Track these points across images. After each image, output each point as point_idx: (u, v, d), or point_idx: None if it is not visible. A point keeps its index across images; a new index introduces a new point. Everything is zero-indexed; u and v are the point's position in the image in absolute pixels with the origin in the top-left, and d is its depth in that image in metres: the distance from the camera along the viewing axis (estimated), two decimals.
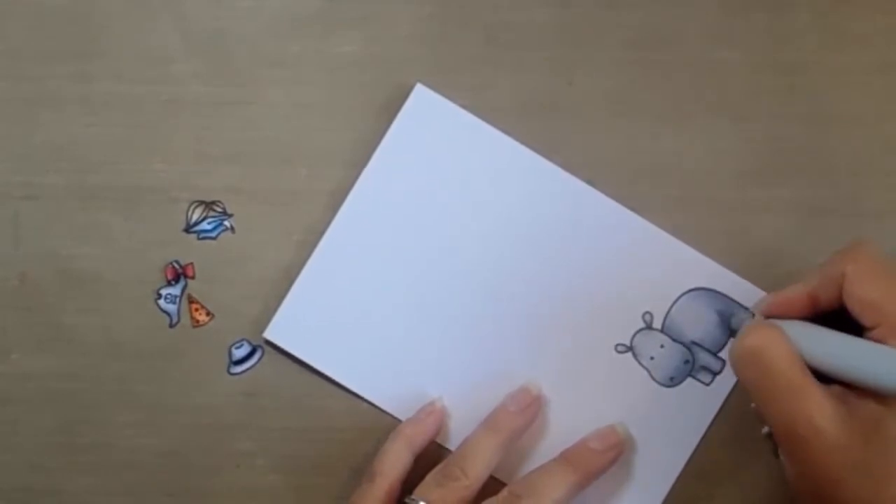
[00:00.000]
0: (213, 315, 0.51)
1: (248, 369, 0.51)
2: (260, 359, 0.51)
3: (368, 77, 0.52)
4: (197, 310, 0.51)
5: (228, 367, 0.51)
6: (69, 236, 0.51)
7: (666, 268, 0.51)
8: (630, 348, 0.51)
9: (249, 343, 0.51)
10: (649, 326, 0.51)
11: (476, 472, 0.47)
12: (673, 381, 0.51)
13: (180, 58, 0.52)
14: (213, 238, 0.51)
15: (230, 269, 0.51)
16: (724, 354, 0.50)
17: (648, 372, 0.51)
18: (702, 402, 0.50)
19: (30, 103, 0.52)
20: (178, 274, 0.51)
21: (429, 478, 0.48)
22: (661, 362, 0.51)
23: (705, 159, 0.51)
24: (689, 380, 0.50)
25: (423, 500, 0.47)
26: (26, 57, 0.52)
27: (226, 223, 0.51)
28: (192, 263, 0.51)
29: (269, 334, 0.51)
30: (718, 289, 0.50)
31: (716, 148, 0.51)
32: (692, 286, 0.51)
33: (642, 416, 0.50)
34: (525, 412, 0.49)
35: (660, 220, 0.51)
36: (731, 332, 0.50)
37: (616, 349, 0.51)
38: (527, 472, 0.49)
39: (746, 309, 0.50)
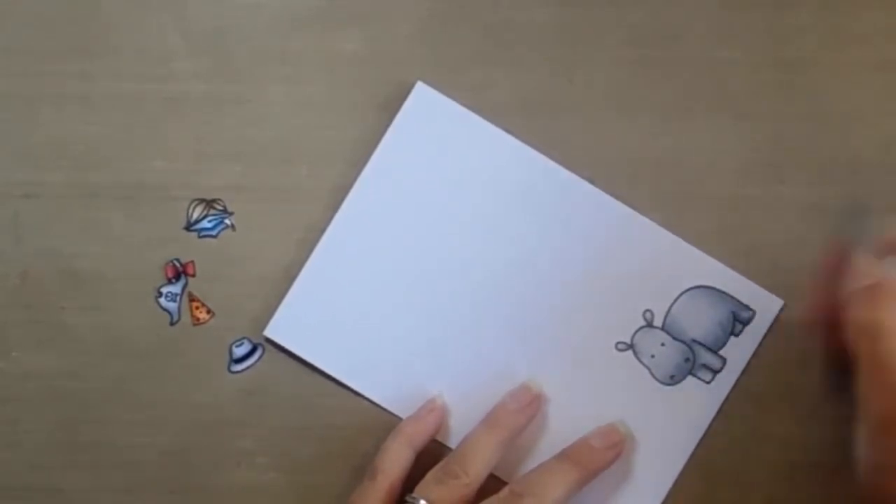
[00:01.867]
0: (213, 313, 0.51)
1: (248, 367, 0.51)
2: (260, 357, 0.51)
3: (369, 75, 0.52)
4: (197, 308, 0.51)
5: (229, 365, 0.51)
6: (70, 234, 0.51)
7: (667, 265, 0.51)
8: (630, 346, 0.51)
9: (250, 341, 0.51)
10: (650, 324, 0.51)
11: (476, 470, 0.47)
12: (673, 380, 0.51)
13: (181, 56, 0.52)
14: (214, 236, 0.51)
15: (231, 268, 0.51)
16: (724, 352, 0.50)
17: (649, 370, 0.51)
18: (702, 400, 0.50)
19: (30, 101, 0.52)
20: (179, 272, 0.51)
21: (429, 476, 0.48)
22: (662, 360, 0.51)
23: (706, 157, 0.51)
24: (690, 378, 0.50)
25: (424, 499, 0.47)
26: (27, 55, 0.52)
27: (226, 221, 0.51)
28: (192, 261, 0.51)
29: (269, 332, 0.51)
30: (719, 287, 0.50)
31: (716, 146, 0.51)
32: (693, 284, 0.51)
33: (642, 415, 0.50)
34: (525, 410, 0.49)
35: (660, 217, 0.51)
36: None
37: (617, 347, 0.51)
38: (526, 469, 0.49)
39: (747, 307, 0.50)
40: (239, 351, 0.51)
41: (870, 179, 0.51)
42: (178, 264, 0.51)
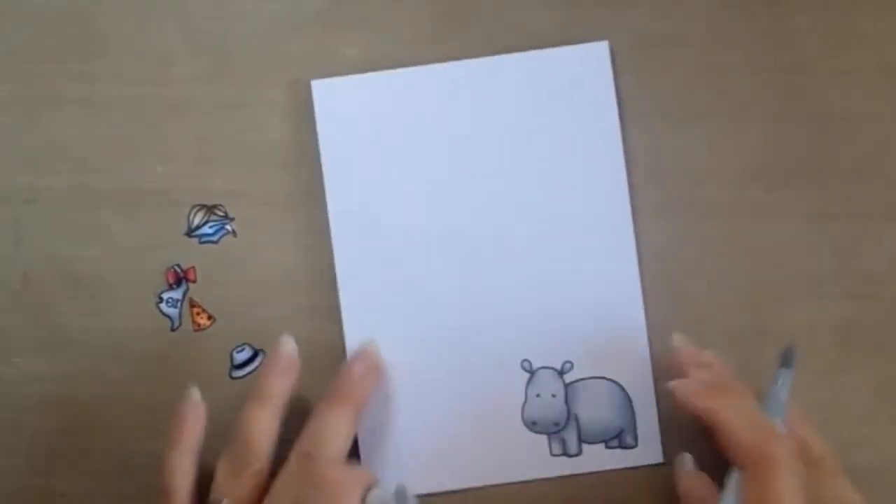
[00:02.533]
0: (214, 319, 0.51)
1: (249, 373, 0.51)
2: (261, 363, 0.51)
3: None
4: (199, 314, 0.51)
5: (230, 371, 0.51)
6: (70, 239, 0.51)
7: (619, 339, 0.50)
8: (531, 373, 0.50)
9: (251, 347, 0.51)
10: (560, 373, 0.50)
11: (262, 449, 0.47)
12: (531, 427, 0.50)
13: (182, 59, 0.52)
14: (215, 242, 0.51)
15: (232, 273, 0.51)
16: (586, 448, 0.50)
17: (524, 402, 0.50)
18: (534, 463, 0.50)
19: (31, 105, 0.52)
20: (180, 278, 0.51)
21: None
22: (540, 407, 0.50)
23: (706, 160, 0.51)
24: (543, 438, 0.50)
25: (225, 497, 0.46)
26: (28, 58, 0.52)
27: (227, 227, 0.51)
28: (193, 267, 0.51)
29: (317, 84, 0.51)
30: (635, 400, 0.50)
31: (717, 149, 0.51)
32: (618, 379, 0.50)
33: (484, 431, 0.50)
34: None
35: (659, 221, 0.51)
36: None
37: (522, 363, 0.50)
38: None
39: (636, 437, 0.50)
40: (240, 357, 0.51)
41: (872, 184, 0.51)
42: (178, 270, 0.51)
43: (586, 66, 0.51)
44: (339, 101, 0.51)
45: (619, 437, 0.50)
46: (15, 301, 0.51)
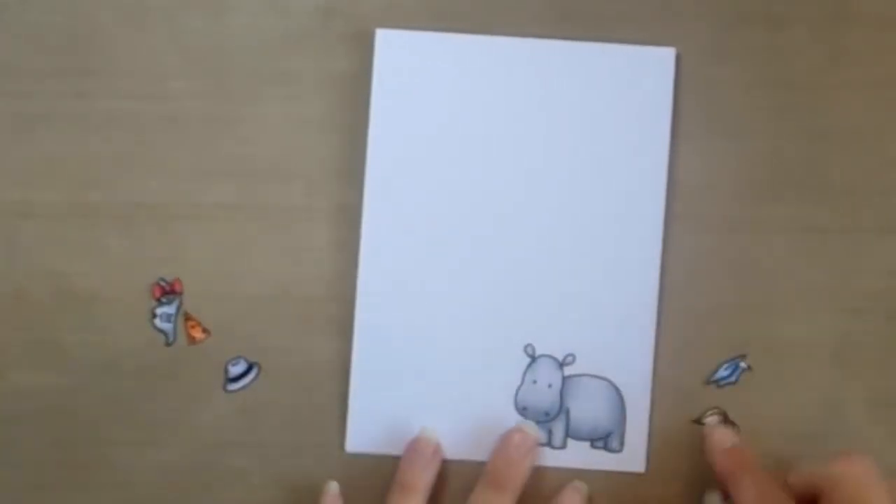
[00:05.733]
0: (209, 332, 0.51)
1: (244, 386, 0.51)
2: (256, 376, 0.51)
3: (365, 94, 0.51)
4: (193, 327, 0.51)
5: (225, 384, 0.51)
6: (65, 254, 0.51)
7: (625, 344, 0.50)
8: (533, 359, 0.50)
9: (246, 360, 0.51)
10: (561, 364, 0.50)
11: None
12: (521, 412, 0.50)
13: (177, 74, 0.52)
14: (210, 255, 0.51)
15: (227, 286, 0.51)
16: (571, 444, 0.50)
17: (520, 385, 0.50)
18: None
19: (26, 120, 0.51)
20: (165, 291, 0.51)
21: None
22: (535, 393, 0.50)
23: (701, 176, 0.51)
24: (529, 425, 0.50)
25: None
26: (23, 73, 0.52)
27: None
28: (178, 279, 0.51)
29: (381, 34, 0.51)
30: (630, 404, 0.50)
31: (711, 165, 0.51)
32: (617, 380, 0.50)
33: (476, 405, 0.50)
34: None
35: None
36: None
37: (526, 348, 0.50)
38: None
39: (622, 442, 0.50)
40: (235, 370, 0.51)
41: (868, 199, 0.51)
42: (164, 283, 0.51)
43: (648, 70, 0.50)
44: (402, 58, 0.51)
45: (606, 440, 0.50)
46: (10, 315, 0.51)
